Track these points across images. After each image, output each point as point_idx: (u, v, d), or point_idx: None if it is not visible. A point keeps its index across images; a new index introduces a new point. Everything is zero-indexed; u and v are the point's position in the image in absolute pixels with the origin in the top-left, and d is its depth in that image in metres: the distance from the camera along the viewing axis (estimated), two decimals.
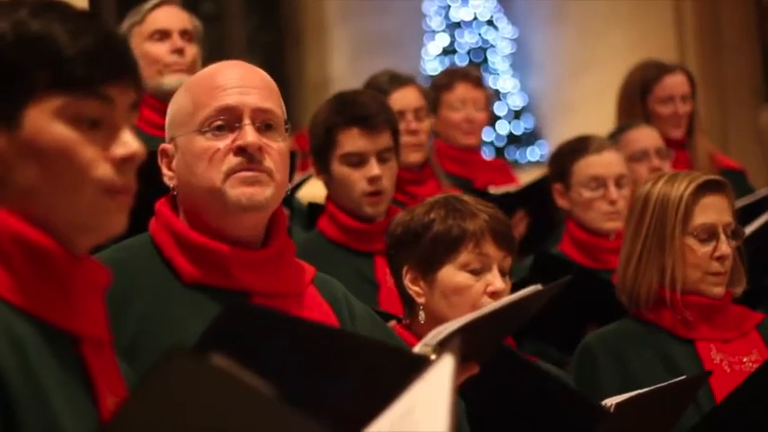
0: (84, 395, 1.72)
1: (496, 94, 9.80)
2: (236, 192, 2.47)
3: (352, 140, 3.79)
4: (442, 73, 6.05)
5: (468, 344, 2.24)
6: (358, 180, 3.79)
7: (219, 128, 2.48)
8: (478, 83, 5.55)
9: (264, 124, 2.51)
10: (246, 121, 2.48)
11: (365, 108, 3.81)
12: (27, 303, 1.70)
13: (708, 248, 3.29)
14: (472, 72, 5.79)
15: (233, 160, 2.47)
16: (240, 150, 2.47)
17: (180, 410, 1.42)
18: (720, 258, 3.28)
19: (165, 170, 2.55)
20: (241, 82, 2.51)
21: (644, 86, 5.35)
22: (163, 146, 2.56)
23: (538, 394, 2.69)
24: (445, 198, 2.99)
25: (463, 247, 2.89)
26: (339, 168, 3.82)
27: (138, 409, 1.44)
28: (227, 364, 1.40)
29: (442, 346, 2.26)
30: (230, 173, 2.47)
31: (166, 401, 1.42)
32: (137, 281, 2.46)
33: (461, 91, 5.43)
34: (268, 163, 2.49)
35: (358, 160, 3.79)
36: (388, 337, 2.68)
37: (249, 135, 2.47)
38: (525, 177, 5.82)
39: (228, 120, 2.49)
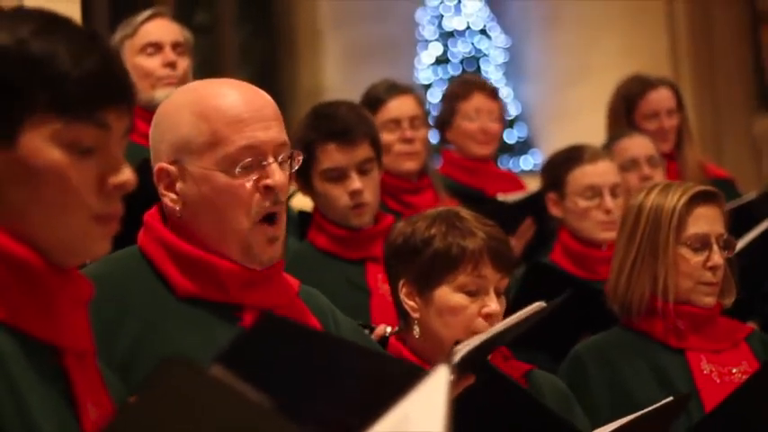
0: (66, 407, 1.72)
1: None
2: (260, 249, 2.47)
3: (330, 156, 3.78)
4: (458, 83, 6.02)
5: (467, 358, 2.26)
6: (340, 195, 3.79)
7: (245, 165, 2.45)
8: (494, 94, 5.54)
9: (282, 156, 2.50)
10: (271, 159, 2.47)
11: (341, 122, 3.79)
12: (8, 316, 1.69)
13: (700, 258, 3.30)
14: (488, 83, 5.78)
15: (261, 203, 2.46)
16: (267, 189, 2.46)
17: (176, 420, 1.42)
18: (713, 268, 3.29)
19: (164, 191, 2.50)
20: (261, 114, 2.47)
21: (628, 103, 5.36)
22: (163, 166, 2.49)
23: (529, 424, 2.67)
24: (447, 213, 2.97)
25: (461, 269, 2.88)
26: (320, 184, 3.82)
27: (133, 418, 1.44)
28: (223, 374, 1.40)
29: (459, 367, 2.26)
30: (258, 217, 2.46)
31: (162, 411, 1.42)
32: (130, 296, 2.44)
33: (477, 101, 5.41)
34: (284, 198, 2.50)
35: (338, 175, 3.79)
36: None
37: (277, 175, 2.46)
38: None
39: (254, 159, 2.46)
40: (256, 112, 2.47)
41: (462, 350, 2.31)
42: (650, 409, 2.77)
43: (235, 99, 2.48)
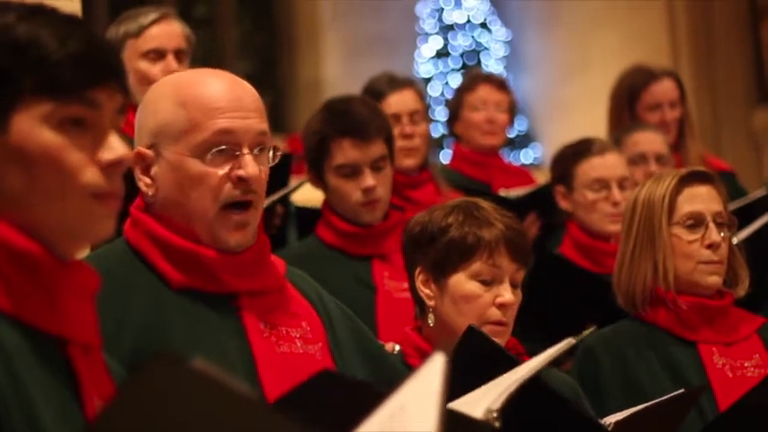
0: (71, 398, 1.72)
1: None
2: (227, 234, 2.46)
3: (345, 152, 3.78)
4: (466, 76, 6.04)
5: None
6: (353, 191, 3.79)
7: (218, 153, 2.45)
8: (502, 86, 5.54)
9: (259, 148, 2.49)
10: (246, 149, 2.46)
11: (356, 118, 3.79)
12: (13, 308, 1.69)
13: (696, 236, 3.28)
14: (495, 75, 5.79)
15: (231, 191, 2.45)
16: (239, 180, 2.45)
17: (163, 413, 1.42)
18: (711, 246, 3.27)
19: (140, 175, 2.49)
20: (239, 103, 2.47)
21: (631, 93, 5.35)
22: (140, 149, 2.49)
23: (538, 408, 2.67)
24: (465, 203, 2.97)
25: (476, 257, 2.88)
26: (333, 180, 3.82)
27: (121, 412, 1.44)
28: (208, 367, 1.40)
29: (503, 410, 2.24)
30: (225, 204, 2.45)
31: (149, 404, 1.42)
32: (130, 292, 2.44)
33: (483, 92, 5.42)
34: (258, 188, 2.49)
35: (351, 171, 3.78)
36: (359, 332, 2.69)
37: (250, 166, 2.45)
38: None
39: (228, 146, 2.45)
40: (234, 101, 2.47)
41: (503, 394, 2.26)
42: (663, 398, 2.76)
43: (215, 88, 2.49)
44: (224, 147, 2.44)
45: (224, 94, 2.48)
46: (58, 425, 1.67)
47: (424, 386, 1.42)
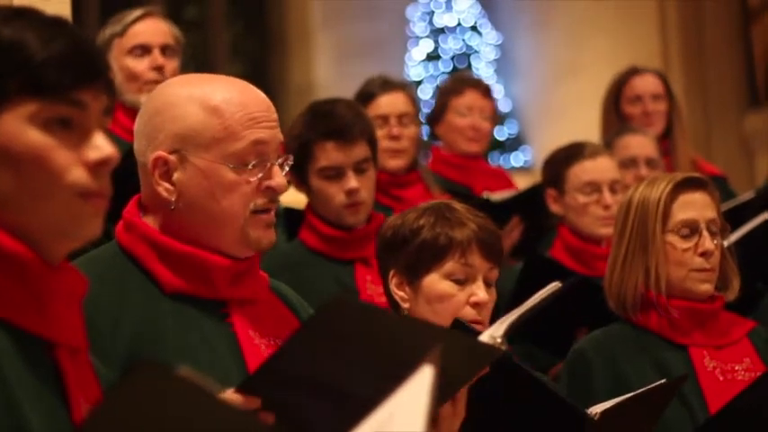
0: (58, 401, 1.71)
1: None
2: (258, 233, 2.49)
3: (328, 154, 3.78)
4: (452, 79, 6.05)
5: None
6: (336, 193, 3.79)
7: (254, 166, 2.47)
8: (488, 93, 5.55)
9: (281, 158, 2.53)
10: (274, 159, 2.50)
11: (339, 120, 3.79)
12: (1, 310, 1.68)
13: (690, 244, 3.28)
14: (482, 82, 5.80)
15: (260, 200, 2.48)
16: (267, 189, 2.49)
17: (148, 419, 1.42)
18: (704, 254, 3.27)
19: (159, 180, 2.48)
20: (269, 115, 2.50)
21: (617, 91, 5.42)
22: (161, 155, 2.47)
23: (525, 399, 2.70)
24: (437, 205, 2.97)
25: (449, 257, 2.88)
26: (317, 182, 3.82)
27: (107, 418, 1.44)
28: (192, 375, 1.40)
29: (506, 336, 2.34)
30: (255, 211, 2.48)
31: (135, 411, 1.42)
32: (123, 296, 2.43)
33: (470, 98, 5.42)
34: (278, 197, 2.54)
35: (335, 173, 3.78)
36: None
37: (279, 177, 2.50)
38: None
39: (261, 157, 2.48)
40: (265, 112, 2.49)
41: (506, 321, 2.36)
42: (647, 388, 2.78)
43: (245, 97, 2.50)
44: (257, 159, 2.47)
45: (256, 105, 2.50)
46: (44, 428, 1.66)
47: (412, 397, 1.41)
